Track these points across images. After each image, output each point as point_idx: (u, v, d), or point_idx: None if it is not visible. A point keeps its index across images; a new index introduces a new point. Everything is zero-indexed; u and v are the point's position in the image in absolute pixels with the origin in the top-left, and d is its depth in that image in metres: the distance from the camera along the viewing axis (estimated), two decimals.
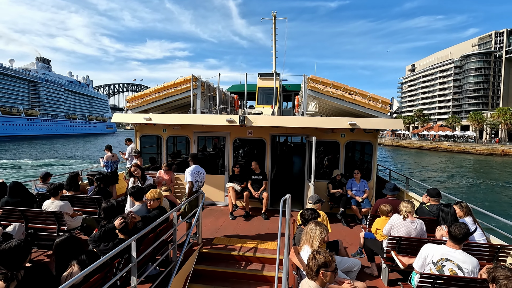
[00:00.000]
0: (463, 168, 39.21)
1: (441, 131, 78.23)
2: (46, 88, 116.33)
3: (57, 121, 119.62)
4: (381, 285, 4.48)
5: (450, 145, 68.28)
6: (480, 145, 64.13)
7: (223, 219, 7.22)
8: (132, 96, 8.59)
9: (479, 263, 3.36)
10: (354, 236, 6.20)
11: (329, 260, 2.62)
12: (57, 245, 3.05)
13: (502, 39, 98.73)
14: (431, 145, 71.35)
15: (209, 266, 5.30)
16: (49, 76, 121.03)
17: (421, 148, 71.90)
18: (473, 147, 63.24)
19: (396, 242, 4.28)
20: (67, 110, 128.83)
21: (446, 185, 26.83)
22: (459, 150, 63.91)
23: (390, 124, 7.35)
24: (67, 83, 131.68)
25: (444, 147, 68.19)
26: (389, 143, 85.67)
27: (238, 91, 13.86)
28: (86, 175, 7.84)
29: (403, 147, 77.83)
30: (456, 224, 3.43)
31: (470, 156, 56.55)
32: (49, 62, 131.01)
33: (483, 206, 4.03)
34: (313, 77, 7.62)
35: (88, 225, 5.43)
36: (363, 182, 7.49)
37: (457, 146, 66.11)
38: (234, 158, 8.43)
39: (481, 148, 61.66)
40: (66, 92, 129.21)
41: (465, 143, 67.73)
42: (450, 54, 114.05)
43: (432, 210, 5.17)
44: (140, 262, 3.73)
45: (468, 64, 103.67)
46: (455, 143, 69.08)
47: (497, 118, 73.21)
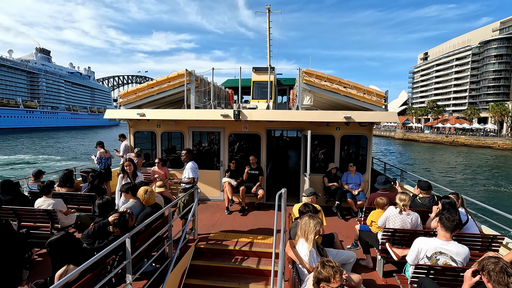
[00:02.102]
0: (489, 168, 33.65)
1: (458, 124, 71.97)
2: (46, 80, 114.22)
3: (58, 113, 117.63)
4: (376, 276, 4.53)
5: (468, 139, 61.98)
6: (502, 139, 57.82)
7: (219, 214, 7.21)
8: (125, 91, 8.46)
9: (472, 253, 3.40)
10: (350, 228, 6.25)
11: (331, 276, 2.49)
12: (51, 244, 2.99)
13: None
14: (447, 139, 65.47)
15: (205, 261, 5.31)
16: (48, 67, 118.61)
17: (436, 142, 66.13)
18: (495, 141, 57.14)
19: (391, 234, 4.31)
20: (67, 102, 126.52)
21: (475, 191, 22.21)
22: (478, 145, 58.21)
23: (385, 117, 7.36)
24: (67, 75, 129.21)
25: (462, 141, 62.16)
26: (399, 137, 79.86)
27: (232, 85, 13.76)
28: (80, 172, 7.74)
29: (415, 141, 71.70)
30: (447, 214, 3.46)
31: (492, 152, 50.36)
32: (49, 53, 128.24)
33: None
34: (308, 70, 7.57)
35: (82, 222, 5.37)
36: (358, 175, 7.53)
37: (476, 140, 59.99)
38: (229, 153, 8.40)
39: (504, 143, 55.58)
40: (66, 83, 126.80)
41: (485, 137, 61.06)
42: (467, 41, 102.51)
43: (424, 203, 5.21)
44: (135, 259, 3.71)
45: (488, 51, 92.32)
46: (474, 137, 62.42)
47: None
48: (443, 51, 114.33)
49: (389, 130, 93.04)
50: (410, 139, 74.39)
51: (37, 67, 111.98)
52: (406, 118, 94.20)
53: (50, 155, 37.88)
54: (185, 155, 5.83)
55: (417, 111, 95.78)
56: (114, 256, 3.20)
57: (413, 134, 77.30)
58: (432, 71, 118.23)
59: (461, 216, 4.39)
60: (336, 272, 2.49)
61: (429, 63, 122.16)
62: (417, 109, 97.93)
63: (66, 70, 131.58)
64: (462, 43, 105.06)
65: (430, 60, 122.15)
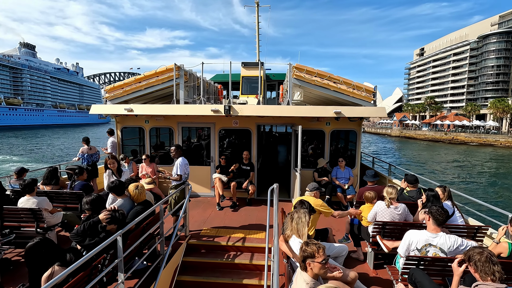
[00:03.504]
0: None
1: (457, 121, 69.34)
2: (30, 75, 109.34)
3: (43, 110, 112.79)
4: (367, 268, 4.62)
5: (469, 136, 59.33)
6: (505, 136, 55.61)
7: (210, 210, 7.17)
8: (111, 86, 8.20)
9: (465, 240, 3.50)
10: (340, 222, 6.33)
11: (315, 251, 2.65)
12: (27, 251, 2.81)
13: None
14: (446, 137, 62.82)
15: (197, 257, 5.27)
16: (33, 63, 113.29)
17: (434, 140, 63.95)
18: (497, 139, 54.88)
19: (381, 227, 4.40)
20: (54, 99, 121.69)
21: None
22: (479, 142, 55.80)
23: (374, 112, 7.46)
24: (54, 71, 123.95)
25: (461, 138, 59.50)
26: (396, 134, 77.54)
27: (222, 80, 13.61)
28: (65, 170, 7.49)
29: (413, 138, 69.71)
30: (439, 209, 3.54)
31: (493, 150, 47.51)
32: (34, 48, 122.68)
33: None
34: (298, 65, 7.56)
35: (69, 221, 5.21)
36: (347, 169, 7.63)
37: (477, 138, 57.42)
38: (219, 149, 8.33)
39: (506, 141, 53.33)
40: (52, 80, 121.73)
41: (486, 135, 58.92)
42: (465, 36, 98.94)
43: (411, 196, 5.34)
44: (126, 257, 3.64)
45: (486, 46, 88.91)
46: (475, 135, 59.75)
47: None
48: (440, 47, 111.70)
49: (386, 128, 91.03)
50: (407, 137, 72.66)
51: (20, 62, 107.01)
52: (403, 115, 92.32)
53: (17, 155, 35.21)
54: (174, 151, 5.71)
55: (415, 107, 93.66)
56: (105, 255, 3.11)
57: (411, 131, 75.35)
58: (429, 67, 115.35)
59: (447, 208, 4.52)
60: (319, 248, 2.68)
61: (425, 58, 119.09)
62: (414, 106, 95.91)
63: (53, 66, 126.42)
64: (460, 38, 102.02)
65: (426, 56, 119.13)
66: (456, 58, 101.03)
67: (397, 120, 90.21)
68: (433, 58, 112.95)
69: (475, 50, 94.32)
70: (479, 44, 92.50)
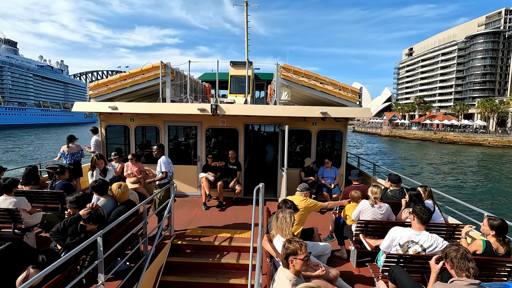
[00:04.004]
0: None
1: (446, 120, 70.07)
2: (11, 73, 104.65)
3: (26, 109, 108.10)
4: (350, 266, 4.70)
5: (458, 136, 59.35)
6: (493, 136, 55.60)
7: (197, 210, 7.12)
8: (95, 83, 8.02)
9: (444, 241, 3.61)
10: (326, 221, 6.41)
11: (298, 248, 2.68)
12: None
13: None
14: (435, 136, 63.04)
15: (182, 257, 5.23)
16: (14, 60, 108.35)
17: (423, 139, 64.12)
18: (485, 138, 54.87)
19: (364, 226, 4.48)
20: (37, 97, 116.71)
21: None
22: (468, 142, 55.98)
23: (359, 113, 7.59)
24: (37, 68, 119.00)
25: (451, 138, 59.80)
26: (386, 134, 77.66)
27: (210, 79, 13.52)
28: (46, 169, 7.26)
29: (402, 137, 69.95)
30: (422, 208, 3.65)
31: (483, 150, 47.03)
32: (16, 44, 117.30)
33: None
34: (286, 65, 7.61)
35: (49, 221, 5.06)
36: (333, 169, 7.74)
37: (466, 137, 57.51)
38: (206, 148, 8.28)
39: (494, 140, 53.25)
40: (35, 77, 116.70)
41: (474, 134, 58.94)
42: (453, 36, 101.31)
43: (394, 195, 5.47)
44: (108, 258, 3.57)
45: (474, 46, 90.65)
46: (463, 134, 59.87)
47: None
48: (428, 47, 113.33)
49: (376, 127, 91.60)
50: (397, 136, 73.04)
51: (0, 59, 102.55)
52: (393, 115, 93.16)
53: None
54: (156, 150, 5.76)
55: (404, 107, 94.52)
56: (85, 256, 3.04)
57: (400, 131, 75.80)
58: (418, 66, 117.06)
59: (428, 207, 4.65)
60: (301, 245, 2.72)
61: (414, 58, 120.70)
62: (404, 105, 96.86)
63: (36, 64, 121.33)
64: (448, 38, 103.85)
65: (415, 56, 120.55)
66: (444, 58, 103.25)
67: (387, 119, 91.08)
68: (421, 58, 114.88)
69: (462, 50, 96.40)
70: (467, 44, 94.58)
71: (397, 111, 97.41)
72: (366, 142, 62.04)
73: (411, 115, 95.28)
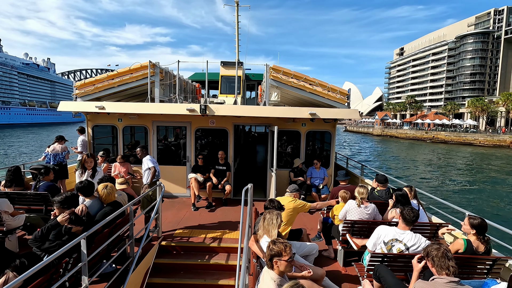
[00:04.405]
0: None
1: (437, 120, 70.51)
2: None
3: (10, 108, 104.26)
4: (337, 266, 4.76)
5: (449, 135, 59.66)
6: (483, 135, 55.81)
7: (185, 211, 7.07)
8: (81, 82, 7.86)
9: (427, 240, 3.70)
10: (314, 221, 6.47)
11: (282, 250, 2.68)
12: None
13: (501, 18, 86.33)
14: (427, 135, 63.16)
15: (170, 259, 5.18)
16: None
17: (415, 139, 64.32)
18: (476, 137, 54.82)
19: (351, 226, 4.55)
20: (22, 96, 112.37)
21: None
22: (459, 141, 56.03)
23: (348, 114, 7.68)
24: (22, 66, 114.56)
25: (442, 137, 59.88)
26: (377, 133, 77.68)
27: (200, 79, 13.45)
28: (29, 169, 7.07)
29: (394, 137, 70.26)
30: (409, 208, 3.74)
31: (472, 149, 47.15)
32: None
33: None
34: (275, 66, 7.64)
35: (32, 224, 4.93)
36: (322, 169, 7.82)
37: (457, 137, 57.68)
38: (196, 148, 8.24)
39: (485, 139, 53.33)
40: (20, 75, 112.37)
41: (465, 133, 59.11)
42: (443, 36, 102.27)
43: (381, 195, 5.56)
44: (93, 260, 3.51)
45: (464, 46, 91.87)
46: (454, 133, 60.09)
47: (504, 105, 62.72)
48: (419, 46, 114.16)
49: (368, 127, 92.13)
50: (389, 135, 73.27)
51: None
52: (385, 114, 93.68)
53: None
54: (140, 151, 5.90)
55: (396, 106, 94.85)
56: (68, 258, 2.98)
57: (392, 130, 76.16)
58: (409, 66, 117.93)
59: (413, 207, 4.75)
60: (286, 246, 2.72)
61: (405, 58, 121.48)
62: (395, 105, 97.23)
63: (21, 61, 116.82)
64: (438, 38, 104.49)
65: (406, 56, 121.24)
66: (434, 58, 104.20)
67: (378, 118, 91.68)
68: (412, 58, 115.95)
69: (453, 50, 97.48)
70: (457, 44, 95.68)
71: (389, 111, 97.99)
72: (359, 142, 62.05)
73: (402, 115, 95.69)
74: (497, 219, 14.25)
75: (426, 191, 6.39)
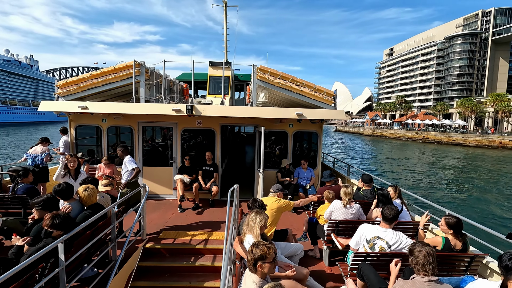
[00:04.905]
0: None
1: (427, 120, 70.82)
2: None
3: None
4: (323, 266, 4.79)
5: (439, 135, 59.91)
6: (473, 135, 55.50)
7: (171, 212, 6.98)
8: (63, 81, 7.65)
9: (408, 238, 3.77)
10: (301, 221, 6.50)
11: (266, 252, 2.63)
12: None
13: (489, 19, 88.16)
14: (417, 136, 63.53)
15: (155, 262, 5.10)
16: None
17: (406, 139, 64.66)
18: (466, 138, 54.97)
19: (336, 225, 4.59)
20: (3, 94, 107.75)
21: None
22: (449, 141, 56.24)
23: (334, 115, 7.76)
24: (2, 63, 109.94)
25: (432, 137, 60.12)
26: (368, 133, 78.06)
27: (188, 79, 13.33)
28: (8, 171, 6.83)
29: (385, 137, 70.52)
30: (388, 207, 3.80)
31: (461, 149, 47.15)
32: None
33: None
34: (262, 67, 7.65)
35: (10, 227, 4.75)
36: (309, 170, 7.87)
37: (447, 137, 57.82)
38: (183, 149, 8.15)
39: (474, 140, 53.29)
40: (1, 73, 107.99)
41: (455, 134, 58.95)
42: (432, 36, 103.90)
43: (366, 195, 5.64)
44: (72, 265, 3.41)
45: (452, 47, 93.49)
46: (444, 134, 60.21)
47: (492, 105, 63.29)
48: (409, 47, 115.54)
49: (358, 127, 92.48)
50: (379, 135, 73.24)
51: None
52: (375, 114, 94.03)
53: None
54: (120, 151, 5.91)
55: (386, 106, 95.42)
56: (44, 263, 2.88)
57: (382, 130, 76.38)
58: (398, 66, 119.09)
59: (397, 206, 4.83)
60: (269, 248, 2.67)
61: (395, 58, 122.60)
62: (386, 105, 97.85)
63: (1, 58, 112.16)
64: (427, 39, 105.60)
65: (395, 56, 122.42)
66: (424, 58, 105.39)
67: (369, 118, 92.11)
68: (402, 58, 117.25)
69: (441, 51, 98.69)
70: (446, 45, 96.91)
71: (379, 111, 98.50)
72: (350, 141, 61.53)
73: (392, 115, 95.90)
74: (479, 217, 14.72)
75: (415, 191, 6.53)
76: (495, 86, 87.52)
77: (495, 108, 63.30)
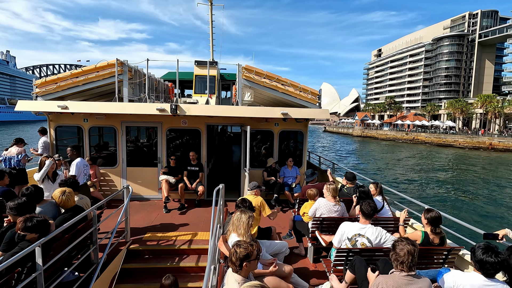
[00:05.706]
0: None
1: (417, 121, 70.72)
2: None
3: None
4: (307, 263, 4.86)
5: (429, 136, 59.52)
6: (463, 137, 55.12)
7: (157, 213, 6.89)
8: (42, 80, 7.40)
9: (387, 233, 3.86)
10: (287, 220, 6.55)
11: (250, 251, 2.64)
12: None
13: (475, 21, 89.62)
14: (407, 137, 63.24)
15: (139, 263, 5.02)
16: None
17: (395, 140, 64.46)
18: (456, 139, 54.66)
19: (320, 223, 4.66)
20: None
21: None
22: (439, 143, 55.97)
23: (319, 114, 7.86)
24: None
25: (422, 139, 59.92)
26: (357, 134, 77.69)
27: (174, 78, 13.16)
28: None
29: (374, 138, 70.38)
30: (366, 201, 3.88)
31: (452, 151, 47.23)
32: None
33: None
34: (248, 66, 7.66)
35: None
36: (295, 168, 7.95)
37: (437, 138, 57.50)
38: (169, 149, 8.05)
39: (464, 141, 52.95)
40: None
41: (445, 135, 58.69)
42: (420, 38, 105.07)
43: (349, 192, 5.76)
44: (51, 269, 3.32)
45: (440, 48, 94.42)
46: (434, 135, 59.79)
47: (481, 107, 63.10)
48: (397, 48, 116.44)
49: (347, 127, 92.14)
50: (369, 136, 72.87)
51: None
52: (365, 115, 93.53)
53: None
54: (70, 151, 5.93)
55: (376, 107, 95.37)
56: (20, 268, 2.79)
57: (372, 131, 75.86)
58: (387, 67, 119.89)
59: (377, 203, 4.96)
60: (251, 245, 2.68)
61: (383, 59, 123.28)
62: (375, 106, 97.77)
63: None
64: (415, 40, 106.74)
65: (384, 57, 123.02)
66: (412, 59, 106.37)
67: (359, 119, 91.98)
68: (390, 59, 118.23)
69: (429, 52, 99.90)
70: (433, 46, 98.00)
71: (368, 111, 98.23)
72: (339, 144, 60.38)
73: (381, 115, 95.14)
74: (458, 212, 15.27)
75: (399, 189, 6.71)
76: (481, 88, 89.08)
77: (484, 109, 63.43)
